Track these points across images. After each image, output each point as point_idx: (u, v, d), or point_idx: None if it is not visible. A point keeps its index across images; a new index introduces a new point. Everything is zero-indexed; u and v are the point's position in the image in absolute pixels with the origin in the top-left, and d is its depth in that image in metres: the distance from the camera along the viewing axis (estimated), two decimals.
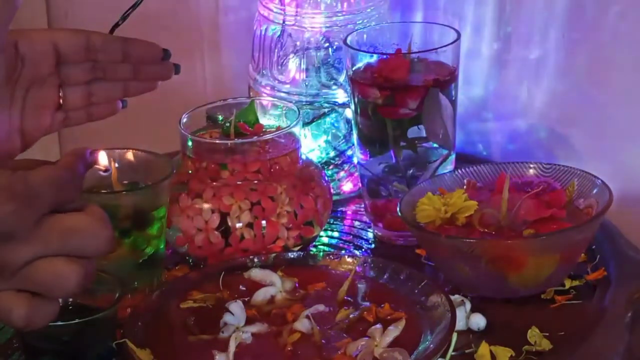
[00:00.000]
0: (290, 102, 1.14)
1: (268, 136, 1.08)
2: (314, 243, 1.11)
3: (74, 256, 0.63)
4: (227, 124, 1.10)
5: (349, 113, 1.15)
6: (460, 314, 0.93)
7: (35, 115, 0.90)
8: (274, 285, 0.97)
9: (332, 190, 1.12)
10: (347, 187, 1.22)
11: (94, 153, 0.71)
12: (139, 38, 0.95)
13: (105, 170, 0.98)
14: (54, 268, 0.63)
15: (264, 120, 1.13)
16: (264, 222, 1.04)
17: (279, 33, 1.19)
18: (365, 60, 1.09)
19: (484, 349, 0.90)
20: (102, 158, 0.98)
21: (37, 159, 0.67)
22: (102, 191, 0.99)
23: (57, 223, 0.63)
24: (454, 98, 1.08)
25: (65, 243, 0.63)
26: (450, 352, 0.88)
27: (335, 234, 1.15)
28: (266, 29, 1.20)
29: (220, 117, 1.14)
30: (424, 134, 1.07)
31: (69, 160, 0.66)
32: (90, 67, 0.93)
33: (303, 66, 1.19)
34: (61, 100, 0.93)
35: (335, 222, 1.17)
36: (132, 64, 0.94)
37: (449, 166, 1.10)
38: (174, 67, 0.96)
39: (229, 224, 1.04)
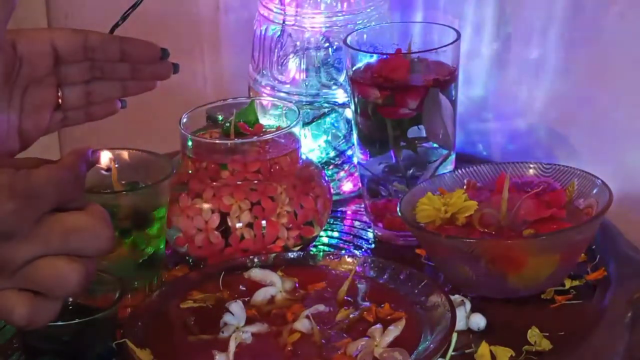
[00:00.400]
0: (290, 102, 1.14)
1: (268, 136, 1.08)
2: (314, 243, 1.11)
3: (75, 255, 0.63)
4: (227, 124, 1.10)
5: (349, 113, 1.15)
6: (460, 314, 0.93)
7: (34, 115, 0.91)
8: (274, 285, 0.97)
9: (332, 190, 1.12)
10: (347, 187, 1.22)
11: (95, 152, 0.71)
12: (139, 38, 0.95)
13: (107, 170, 0.98)
14: (55, 267, 0.63)
15: (264, 120, 1.13)
16: (264, 222, 1.04)
17: (279, 33, 1.19)
18: (365, 60, 1.09)
19: (484, 349, 0.90)
20: (104, 157, 0.98)
21: (38, 157, 0.67)
22: (102, 191, 0.99)
23: (58, 222, 0.63)
24: (454, 98, 1.08)
25: (66, 242, 0.63)
26: (450, 352, 0.88)
27: (335, 234, 1.15)
28: (266, 29, 1.20)
29: (220, 117, 1.14)
30: (424, 134, 1.07)
31: (71, 160, 0.66)
32: (89, 67, 0.93)
33: (303, 66, 1.19)
34: (60, 100, 0.93)
35: (335, 222, 1.17)
36: (131, 63, 0.94)
37: (449, 166, 1.10)
38: (173, 67, 0.96)
39: (229, 224, 1.04)
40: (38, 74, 0.90)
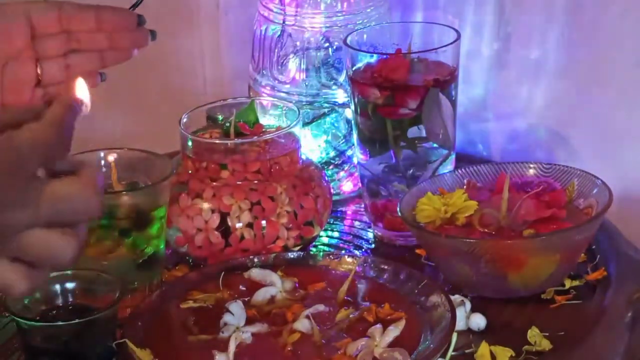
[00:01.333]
0: (290, 102, 1.14)
1: (268, 136, 1.08)
2: (314, 243, 1.11)
3: (65, 222, 0.62)
4: (227, 124, 1.10)
5: (349, 113, 1.15)
6: (460, 314, 0.93)
7: (15, 91, 0.90)
8: (274, 285, 0.97)
9: (332, 190, 1.12)
10: (347, 187, 1.22)
11: (81, 102, 0.67)
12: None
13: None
14: (48, 242, 0.62)
15: (264, 120, 1.13)
16: (264, 222, 1.04)
17: (279, 33, 1.19)
18: (365, 60, 1.09)
19: (484, 349, 0.90)
20: (81, 89, 0.77)
21: (20, 107, 0.65)
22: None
23: (47, 191, 0.61)
24: (454, 98, 1.08)
25: (56, 211, 0.62)
26: (450, 352, 0.88)
27: (335, 234, 1.15)
28: (266, 29, 1.20)
29: (220, 117, 1.14)
30: (424, 134, 1.07)
31: (57, 115, 0.63)
32: (65, 39, 0.92)
33: (303, 66, 1.19)
34: (39, 76, 0.92)
35: (335, 222, 1.17)
36: (107, 32, 0.93)
37: (449, 166, 1.10)
38: (150, 34, 0.95)
39: (229, 224, 1.04)
40: (15, 48, 0.89)
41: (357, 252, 1.10)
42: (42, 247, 0.62)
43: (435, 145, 1.08)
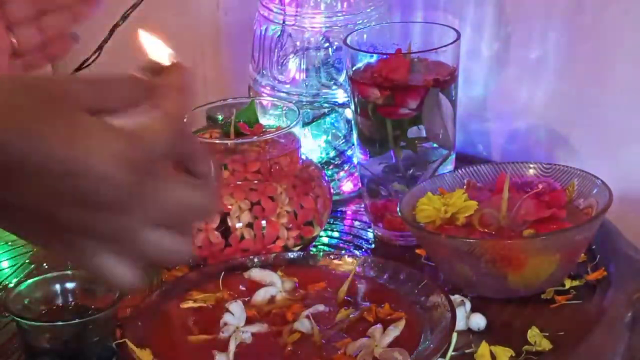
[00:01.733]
0: (290, 102, 1.14)
1: (268, 136, 1.08)
2: (314, 243, 1.11)
3: (178, 225, 0.60)
4: (227, 124, 1.10)
5: (349, 113, 1.15)
6: (460, 314, 0.93)
7: None
8: (274, 285, 0.97)
9: (332, 190, 1.12)
10: (347, 187, 1.22)
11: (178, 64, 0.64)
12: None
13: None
14: (164, 246, 0.60)
15: (264, 120, 1.13)
16: (264, 222, 1.04)
17: (279, 33, 1.19)
18: (365, 60, 1.09)
19: (484, 349, 0.90)
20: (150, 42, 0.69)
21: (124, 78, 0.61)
22: None
23: (164, 193, 0.58)
24: (454, 98, 1.08)
25: (169, 219, 0.59)
26: (450, 352, 0.88)
27: (335, 234, 1.15)
28: (266, 29, 1.20)
29: (220, 117, 1.14)
30: (424, 134, 1.07)
31: (182, 107, 0.60)
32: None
33: (303, 66, 1.19)
34: (15, 44, 0.90)
35: (335, 222, 1.17)
36: None
37: (449, 166, 1.10)
38: None
39: (229, 224, 1.04)
40: None
41: (357, 252, 1.10)
42: (157, 251, 0.60)
43: (435, 145, 1.08)
